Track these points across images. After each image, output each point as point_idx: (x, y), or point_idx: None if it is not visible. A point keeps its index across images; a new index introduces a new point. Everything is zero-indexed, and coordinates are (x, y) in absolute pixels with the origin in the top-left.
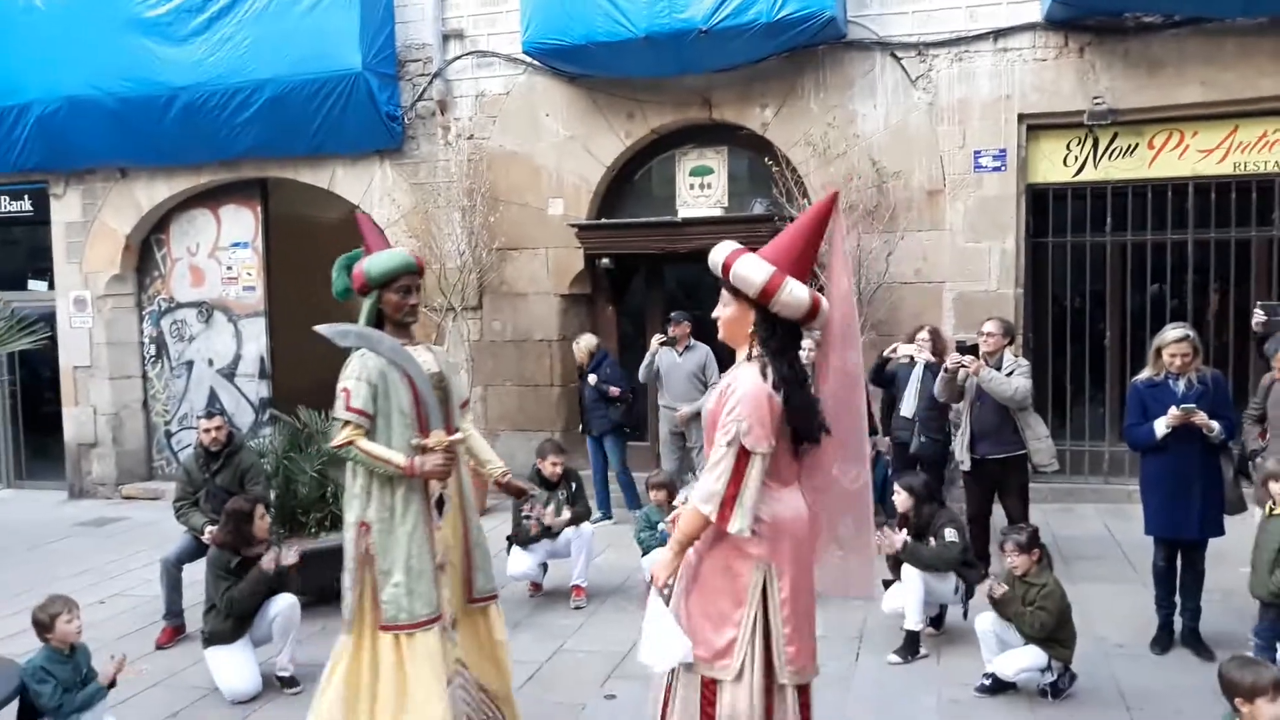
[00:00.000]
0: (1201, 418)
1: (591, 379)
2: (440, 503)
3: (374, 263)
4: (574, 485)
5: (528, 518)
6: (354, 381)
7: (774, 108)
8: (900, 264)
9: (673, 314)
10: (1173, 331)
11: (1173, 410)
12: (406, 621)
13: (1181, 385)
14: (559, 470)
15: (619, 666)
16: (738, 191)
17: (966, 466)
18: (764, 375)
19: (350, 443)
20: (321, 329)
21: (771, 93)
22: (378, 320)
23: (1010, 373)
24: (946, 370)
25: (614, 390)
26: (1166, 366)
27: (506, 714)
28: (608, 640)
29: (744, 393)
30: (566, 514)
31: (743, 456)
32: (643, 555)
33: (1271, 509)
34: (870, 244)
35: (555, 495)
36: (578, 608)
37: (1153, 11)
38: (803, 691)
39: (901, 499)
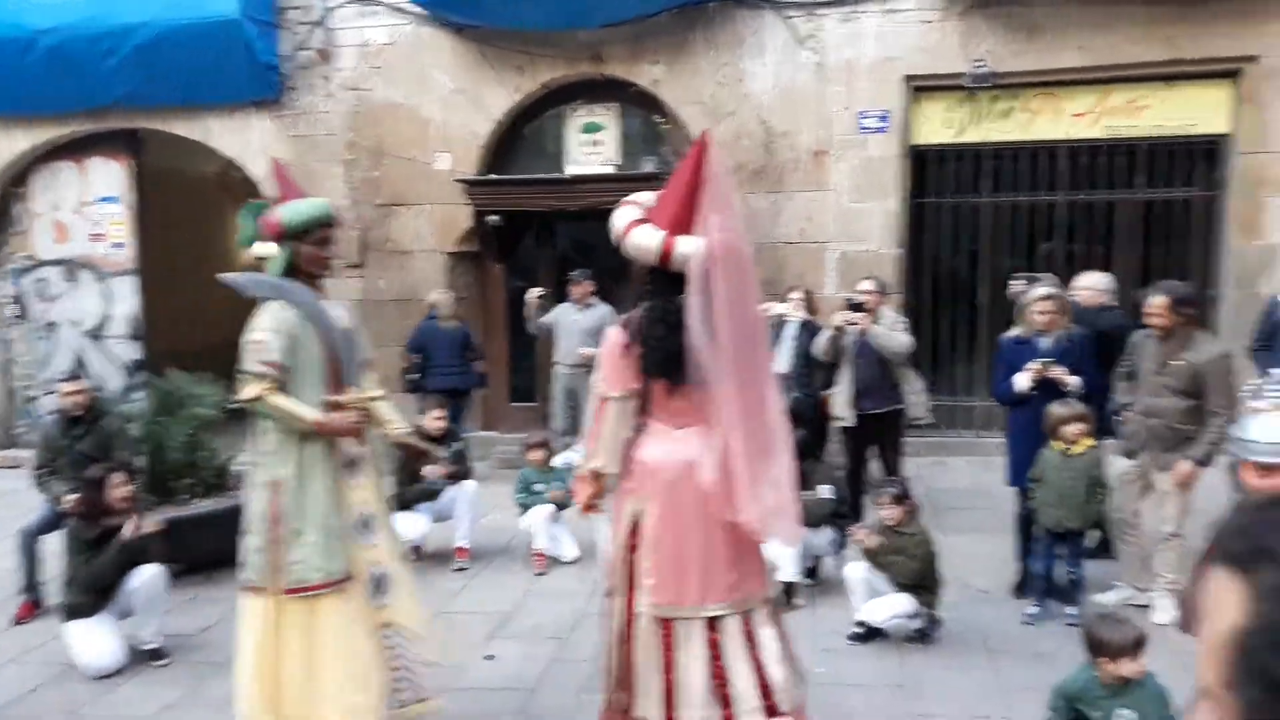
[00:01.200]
0: (1057, 372)
1: None
2: (354, 462)
3: (292, 211)
4: (458, 443)
5: (421, 479)
6: (267, 334)
7: (665, 64)
8: (786, 224)
9: (574, 272)
10: (1038, 290)
11: (1031, 364)
12: (321, 580)
13: (1047, 342)
14: (442, 425)
15: (502, 627)
16: (630, 150)
17: (850, 422)
18: (623, 325)
19: (262, 397)
20: (230, 278)
21: (662, 49)
22: (289, 272)
23: (892, 329)
24: (836, 328)
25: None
26: (1033, 324)
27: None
28: (490, 601)
29: (602, 342)
30: (445, 468)
31: (600, 401)
32: (521, 516)
33: (1066, 449)
34: (757, 204)
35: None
36: (461, 569)
37: None
38: (665, 625)
39: None
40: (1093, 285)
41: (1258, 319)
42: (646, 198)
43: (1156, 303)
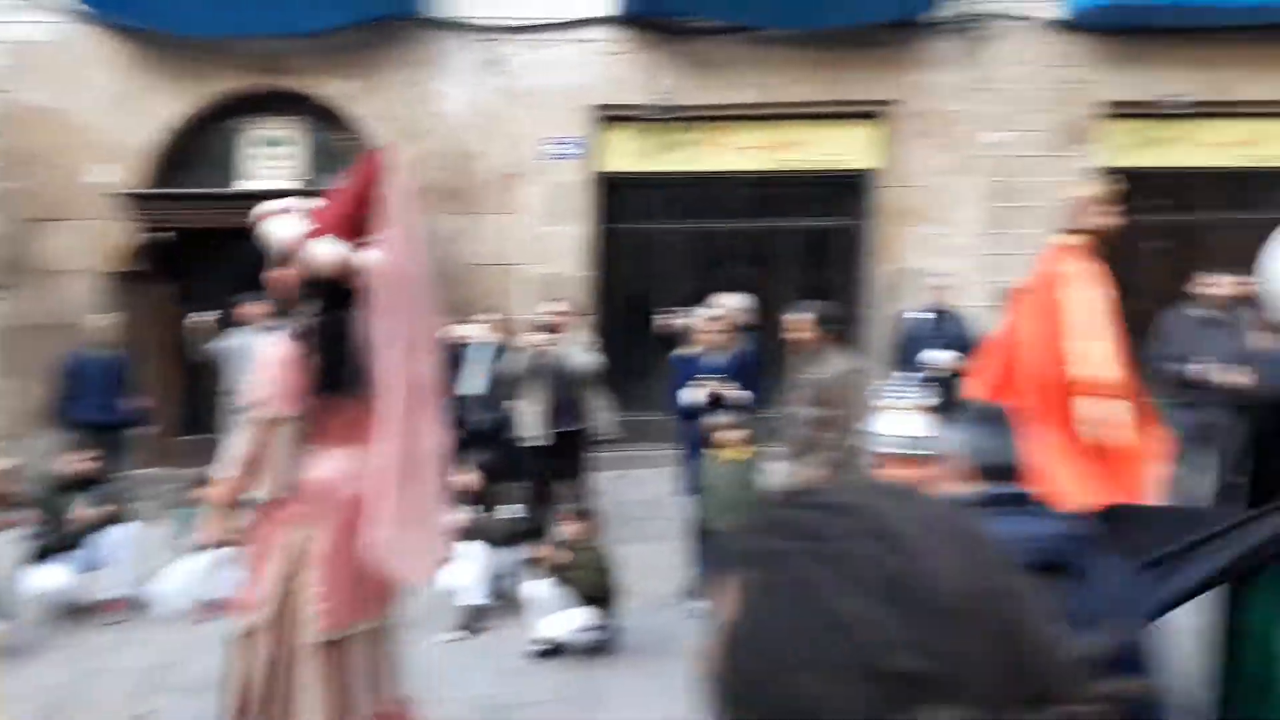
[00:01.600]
0: (723, 387)
1: None
2: None
3: None
4: (111, 483)
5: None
6: None
7: (356, 80)
8: (476, 246)
9: (251, 293)
10: (706, 311)
11: (698, 379)
12: None
13: (718, 359)
14: (89, 465)
15: (160, 680)
16: (319, 166)
17: (545, 441)
18: (292, 339)
19: None
20: None
21: (353, 64)
22: None
23: (581, 349)
24: (526, 350)
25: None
26: (703, 343)
27: None
28: (149, 654)
29: (261, 361)
30: (92, 513)
31: (265, 423)
32: (183, 559)
33: (724, 457)
34: (449, 225)
35: (84, 495)
36: (115, 622)
37: (710, 17)
38: (336, 646)
39: (469, 477)
40: (729, 307)
41: (892, 335)
42: (301, 204)
43: (797, 321)
